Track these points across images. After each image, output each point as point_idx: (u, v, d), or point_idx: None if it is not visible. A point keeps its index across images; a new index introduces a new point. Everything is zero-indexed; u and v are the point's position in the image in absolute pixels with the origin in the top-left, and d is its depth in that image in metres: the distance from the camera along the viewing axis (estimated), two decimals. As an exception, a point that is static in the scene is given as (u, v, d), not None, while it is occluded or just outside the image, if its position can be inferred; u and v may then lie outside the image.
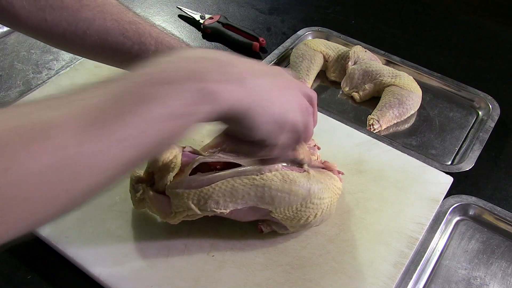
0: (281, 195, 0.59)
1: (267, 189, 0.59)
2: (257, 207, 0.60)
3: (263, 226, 0.64)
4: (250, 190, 0.59)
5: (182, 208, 0.59)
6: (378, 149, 0.79)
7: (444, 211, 0.72)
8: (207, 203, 0.58)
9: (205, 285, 0.60)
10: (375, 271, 0.63)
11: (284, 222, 0.62)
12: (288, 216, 0.61)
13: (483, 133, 0.84)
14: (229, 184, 0.58)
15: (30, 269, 0.64)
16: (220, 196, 0.58)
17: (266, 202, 0.60)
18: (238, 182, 0.58)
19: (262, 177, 0.59)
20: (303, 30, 1.05)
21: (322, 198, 0.62)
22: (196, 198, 0.58)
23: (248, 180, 0.59)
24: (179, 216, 0.60)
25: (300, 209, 0.61)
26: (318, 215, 0.62)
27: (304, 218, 0.62)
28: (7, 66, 0.94)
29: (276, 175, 0.59)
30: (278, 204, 0.60)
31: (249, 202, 0.59)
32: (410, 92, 0.88)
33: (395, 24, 1.13)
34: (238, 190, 0.58)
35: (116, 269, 0.61)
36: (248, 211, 0.61)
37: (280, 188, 0.59)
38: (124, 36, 0.62)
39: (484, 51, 1.07)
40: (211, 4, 1.15)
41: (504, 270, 0.67)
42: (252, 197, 0.59)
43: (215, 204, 0.58)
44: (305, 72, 0.93)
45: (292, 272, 0.62)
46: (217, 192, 0.58)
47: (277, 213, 0.60)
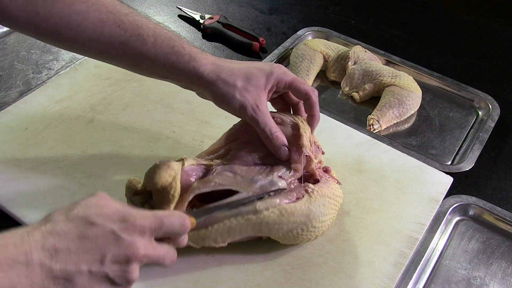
0: (278, 226, 0.60)
1: (264, 225, 0.59)
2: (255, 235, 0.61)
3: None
4: (247, 227, 0.59)
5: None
6: (378, 149, 0.79)
7: (444, 211, 0.72)
8: (205, 241, 0.59)
9: (205, 285, 0.60)
10: (375, 271, 0.63)
11: (283, 242, 0.63)
12: (288, 239, 0.62)
13: (483, 133, 0.84)
14: (226, 226, 0.58)
15: (30, 269, 0.64)
16: (218, 235, 0.59)
17: (264, 233, 0.60)
18: (234, 223, 0.58)
19: (258, 216, 0.58)
20: (303, 30, 1.05)
21: (323, 221, 0.62)
22: (194, 239, 0.59)
23: (245, 220, 0.58)
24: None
25: (301, 233, 0.61)
26: (319, 235, 0.63)
27: (305, 240, 0.62)
28: (7, 66, 0.94)
29: (274, 212, 0.59)
30: (276, 232, 0.60)
31: (245, 235, 0.60)
32: (410, 92, 0.88)
33: (395, 24, 1.13)
34: (235, 229, 0.59)
35: (116, 269, 0.61)
36: (246, 239, 0.62)
37: (278, 221, 0.59)
38: (120, 28, 0.60)
39: (484, 51, 1.07)
40: (211, 4, 1.15)
41: (504, 270, 0.67)
42: (249, 232, 0.60)
43: (213, 242, 0.59)
44: (305, 72, 0.93)
45: (292, 272, 0.62)
46: (214, 233, 0.58)
47: (276, 237, 0.61)
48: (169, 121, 0.81)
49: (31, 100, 0.84)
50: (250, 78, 0.61)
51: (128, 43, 0.60)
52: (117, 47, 0.61)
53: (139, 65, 0.63)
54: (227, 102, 0.61)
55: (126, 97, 0.85)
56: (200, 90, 0.63)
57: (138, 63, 0.62)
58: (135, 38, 0.60)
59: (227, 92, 0.60)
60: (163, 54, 0.60)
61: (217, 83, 0.60)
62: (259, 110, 0.60)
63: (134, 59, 0.62)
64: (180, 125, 0.80)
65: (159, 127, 0.80)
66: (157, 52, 0.60)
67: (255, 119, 0.60)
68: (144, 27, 0.61)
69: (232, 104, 0.60)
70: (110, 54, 0.62)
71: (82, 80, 0.88)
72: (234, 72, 0.61)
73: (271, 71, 0.62)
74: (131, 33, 0.60)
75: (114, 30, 0.60)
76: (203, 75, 0.60)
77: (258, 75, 0.61)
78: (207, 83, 0.60)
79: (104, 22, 0.60)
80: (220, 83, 0.60)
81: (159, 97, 0.86)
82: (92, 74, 0.89)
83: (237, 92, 0.60)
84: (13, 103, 0.83)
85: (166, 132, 0.80)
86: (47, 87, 0.87)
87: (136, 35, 0.60)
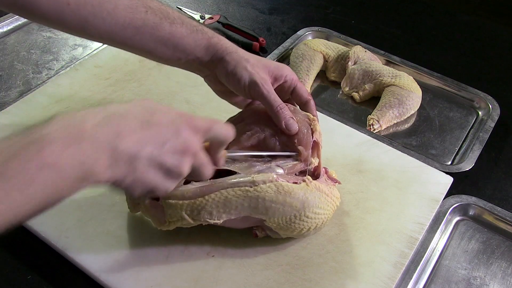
0: (275, 206, 0.59)
1: (261, 200, 0.58)
2: (250, 216, 0.60)
3: (257, 231, 0.64)
4: (244, 201, 0.58)
5: (176, 218, 0.59)
6: (378, 149, 0.79)
7: (444, 211, 0.72)
8: (200, 214, 0.58)
9: (205, 285, 0.60)
10: (375, 271, 0.63)
11: (277, 231, 0.62)
12: (282, 226, 0.61)
13: (483, 133, 0.84)
14: (222, 196, 0.58)
15: (30, 269, 0.64)
16: (214, 207, 0.58)
17: (260, 213, 0.59)
18: (231, 194, 0.58)
19: (256, 189, 0.58)
20: (303, 30, 1.05)
21: (317, 213, 0.61)
22: (190, 209, 0.58)
23: (242, 191, 0.58)
24: (173, 226, 0.60)
25: (294, 221, 0.60)
26: (311, 229, 0.62)
27: (297, 230, 0.61)
28: (7, 66, 0.94)
29: (271, 187, 0.58)
30: (272, 214, 0.59)
31: (242, 213, 0.59)
32: (410, 92, 0.88)
33: (395, 24, 1.13)
34: (232, 201, 0.58)
35: (116, 269, 0.61)
36: (241, 220, 0.61)
37: (275, 199, 0.59)
38: (148, 12, 0.63)
39: (484, 51, 1.07)
40: (211, 4, 1.15)
41: (504, 270, 0.67)
42: (246, 208, 0.59)
43: (208, 215, 0.58)
44: (305, 72, 0.93)
45: (292, 272, 0.62)
46: (210, 203, 0.58)
47: (271, 222, 0.60)
48: (169, 121, 0.81)
49: (31, 100, 0.84)
50: (260, 59, 0.65)
51: (158, 25, 0.63)
52: (147, 31, 0.63)
53: (165, 47, 0.65)
54: (239, 73, 0.63)
55: (126, 97, 0.85)
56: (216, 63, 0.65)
57: (164, 45, 0.64)
58: (164, 21, 0.63)
59: (240, 63, 0.64)
60: (189, 32, 0.64)
61: (233, 54, 0.64)
62: (267, 83, 0.64)
63: (161, 41, 0.64)
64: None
65: (159, 127, 0.80)
66: (183, 31, 0.64)
67: (264, 92, 0.63)
68: (169, 11, 0.65)
69: (243, 76, 0.63)
70: (135, 39, 0.64)
71: (82, 80, 0.88)
72: (248, 53, 0.66)
73: (281, 64, 0.67)
74: (161, 16, 0.63)
75: (144, 15, 0.63)
76: (223, 47, 0.65)
77: (268, 61, 0.66)
78: (226, 53, 0.64)
79: (135, 8, 0.62)
80: (235, 55, 0.64)
81: (159, 97, 0.86)
82: (92, 74, 0.89)
83: (249, 65, 0.64)
84: (13, 103, 0.83)
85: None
86: (47, 87, 0.87)
87: (165, 17, 0.64)
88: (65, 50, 0.99)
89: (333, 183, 0.66)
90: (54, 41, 1.01)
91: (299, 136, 0.63)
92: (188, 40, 0.64)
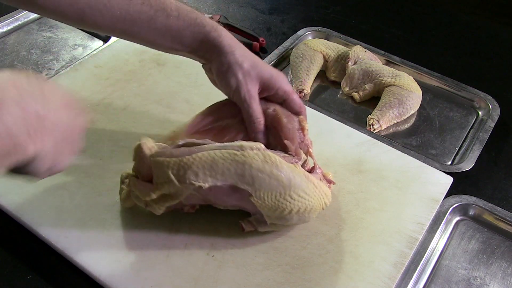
0: (261, 176, 0.59)
1: (248, 167, 0.58)
2: (237, 186, 0.59)
3: (244, 224, 0.64)
4: (230, 166, 0.58)
5: (163, 179, 0.59)
6: (378, 149, 0.79)
7: (444, 211, 0.72)
8: (186, 174, 0.58)
9: (205, 285, 0.60)
10: (375, 271, 0.63)
11: (261, 209, 0.61)
12: (266, 204, 0.60)
13: (483, 133, 0.84)
14: (210, 156, 0.58)
15: (30, 269, 0.64)
16: (200, 168, 0.58)
17: (246, 182, 0.59)
18: (218, 155, 0.58)
19: (243, 153, 0.58)
20: (303, 30, 1.05)
21: (302, 196, 0.61)
22: (176, 167, 0.58)
23: (229, 154, 0.58)
24: (159, 191, 0.60)
25: (279, 199, 0.60)
26: (293, 211, 0.61)
27: (280, 209, 0.60)
28: (7, 66, 0.94)
29: (258, 154, 0.59)
30: (258, 186, 0.59)
31: (228, 179, 0.59)
32: (410, 92, 0.88)
33: (395, 24, 1.13)
34: (218, 164, 0.58)
35: (116, 269, 0.61)
36: (227, 192, 0.60)
37: (261, 168, 0.59)
38: (145, 4, 0.62)
39: (484, 51, 1.07)
40: (211, 4, 1.15)
41: (504, 270, 0.67)
42: (232, 174, 0.58)
43: (194, 176, 0.58)
44: (305, 72, 0.93)
45: (292, 272, 0.62)
46: (197, 163, 0.58)
47: (257, 197, 0.59)
48: (169, 121, 0.81)
49: (31, 100, 0.84)
50: (256, 66, 0.64)
51: (153, 18, 0.63)
52: (143, 23, 0.63)
53: (162, 39, 0.65)
54: (228, 77, 0.64)
55: (126, 97, 0.85)
56: (211, 59, 0.65)
57: (162, 37, 0.65)
58: (160, 14, 0.63)
59: (232, 68, 0.64)
60: (186, 25, 0.64)
61: (228, 56, 0.64)
62: (251, 95, 0.64)
63: (158, 33, 0.64)
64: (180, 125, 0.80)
65: (159, 127, 0.80)
66: (180, 25, 0.64)
67: (246, 102, 0.64)
68: (167, 2, 0.64)
69: (230, 82, 0.64)
70: (134, 30, 0.64)
71: (82, 80, 0.88)
72: (245, 55, 0.65)
73: (276, 74, 0.66)
74: (156, 8, 0.63)
75: (140, 8, 0.62)
76: (220, 45, 0.64)
77: (265, 69, 0.65)
78: (221, 53, 0.64)
79: (130, 1, 0.62)
80: (230, 57, 0.64)
81: (159, 97, 0.86)
82: (92, 74, 0.89)
83: (240, 73, 0.64)
84: (13, 103, 0.83)
85: (166, 132, 0.79)
86: (47, 87, 0.86)
87: (161, 10, 0.63)
88: (65, 50, 0.99)
89: (328, 184, 0.66)
90: (54, 41, 1.01)
91: (285, 131, 0.64)
92: (185, 33, 0.64)
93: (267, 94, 0.67)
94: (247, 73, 0.64)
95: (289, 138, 0.64)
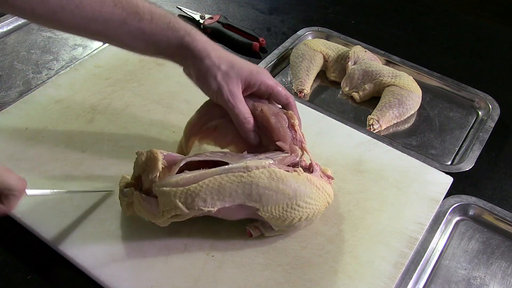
0: (268, 192, 0.59)
1: (255, 187, 0.58)
2: (244, 204, 0.59)
3: (251, 230, 0.64)
4: (238, 188, 0.58)
5: (170, 207, 0.58)
6: (378, 149, 0.79)
7: (444, 211, 0.72)
8: (194, 201, 0.58)
9: (205, 285, 0.60)
10: (375, 271, 0.63)
11: (269, 221, 0.62)
12: (274, 215, 0.60)
13: (483, 133, 0.84)
14: (216, 182, 0.58)
15: (30, 269, 0.64)
16: (208, 194, 0.58)
17: (254, 200, 0.59)
18: (225, 180, 0.58)
19: (249, 174, 0.58)
20: (303, 30, 1.05)
21: (308, 203, 0.61)
22: (184, 196, 0.58)
23: (235, 177, 0.58)
24: (167, 215, 0.59)
25: (286, 209, 0.60)
26: (303, 219, 0.62)
27: (289, 219, 0.61)
28: (7, 66, 0.94)
29: (264, 173, 0.59)
30: (266, 202, 0.59)
31: (236, 200, 0.59)
32: (410, 92, 0.88)
33: (395, 24, 1.13)
34: (226, 188, 0.58)
35: (116, 269, 0.61)
36: (236, 209, 0.60)
37: (268, 185, 0.59)
38: (117, 7, 0.62)
39: (484, 51, 1.07)
40: (211, 4, 1.15)
41: (504, 270, 0.67)
42: (240, 195, 0.59)
43: (202, 202, 0.58)
44: (305, 72, 0.93)
45: (292, 272, 0.62)
46: (204, 190, 0.57)
47: (264, 211, 0.60)
48: (169, 121, 0.81)
49: (31, 100, 0.84)
50: (234, 65, 0.64)
51: (126, 21, 0.62)
52: (115, 25, 0.62)
53: (136, 42, 0.64)
54: (207, 81, 0.63)
55: (126, 97, 0.85)
56: (188, 64, 0.65)
57: (135, 40, 0.64)
58: (132, 17, 0.62)
59: (210, 71, 0.63)
60: (159, 29, 0.63)
61: (205, 60, 0.63)
62: (234, 95, 0.63)
63: (131, 36, 0.64)
64: (180, 125, 0.80)
65: (159, 127, 0.80)
66: (153, 28, 0.63)
67: (230, 104, 0.64)
68: (140, 6, 0.63)
69: (211, 85, 0.63)
70: (107, 32, 0.64)
71: (82, 80, 0.88)
72: (221, 56, 0.64)
73: (256, 70, 0.65)
74: (129, 11, 0.62)
75: (112, 9, 0.62)
76: (194, 50, 0.63)
77: (243, 67, 0.64)
78: (196, 58, 0.63)
79: (102, 2, 0.61)
80: (207, 61, 0.63)
81: (159, 97, 0.86)
82: (92, 74, 0.89)
83: (219, 74, 0.63)
84: (13, 103, 0.83)
85: (166, 132, 0.80)
86: (47, 87, 0.87)
87: (133, 13, 0.62)
88: (65, 50, 0.99)
89: (328, 180, 0.66)
90: (54, 41, 1.01)
91: (276, 132, 0.64)
92: (159, 37, 0.63)
93: (250, 91, 0.66)
94: (226, 74, 0.63)
95: (281, 138, 0.64)
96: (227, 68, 0.63)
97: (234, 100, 0.64)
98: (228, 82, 0.63)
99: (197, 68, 0.64)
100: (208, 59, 0.63)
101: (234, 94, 0.63)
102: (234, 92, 0.63)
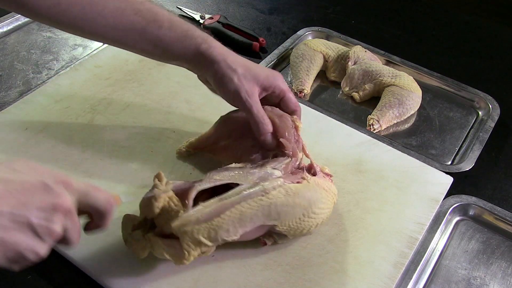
0: (286, 209, 0.60)
1: (273, 207, 0.59)
2: (264, 224, 0.60)
3: (266, 239, 0.64)
4: (258, 211, 0.58)
5: (194, 245, 0.56)
6: (378, 149, 0.79)
7: (444, 211, 0.72)
8: (217, 234, 0.57)
9: (205, 285, 0.60)
10: (375, 271, 0.63)
11: (287, 234, 0.62)
12: (292, 227, 0.61)
13: (483, 133, 0.84)
14: (237, 211, 0.57)
15: (30, 269, 0.64)
16: (230, 224, 0.57)
17: (273, 218, 0.60)
18: (245, 207, 0.58)
19: (267, 196, 0.59)
20: (303, 30, 1.05)
21: (322, 208, 0.62)
22: (207, 231, 0.56)
23: (255, 202, 0.58)
24: (194, 254, 0.57)
25: (303, 220, 0.61)
26: (319, 224, 0.63)
27: (306, 229, 0.62)
28: (7, 66, 0.94)
29: (280, 191, 0.59)
30: (284, 217, 0.60)
31: (257, 222, 0.59)
32: (410, 92, 0.88)
33: (395, 24, 1.13)
34: (247, 214, 0.58)
35: (116, 269, 0.61)
36: (255, 230, 0.60)
37: (285, 202, 0.59)
38: (137, 15, 0.63)
39: (484, 51, 1.07)
40: (211, 4, 1.15)
41: (504, 270, 0.67)
42: (260, 217, 0.59)
43: (225, 233, 0.57)
44: (305, 72, 0.93)
45: (292, 272, 0.62)
46: (227, 221, 0.57)
47: (282, 226, 0.61)
48: (169, 121, 0.81)
49: (31, 100, 0.84)
50: (250, 69, 0.65)
51: (146, 29, 0.64)
52: (135, 33, 0.64)
53: (155, 49, 0.66)
54: (225, 83, 0.64)
55: (126, 97, 0.85)
56: (204, 70, 0.66)
57: (154, 47, 0.66)
58: (152, 24, 0.64)
59: (227, 74, 0.64)
60: (178, 37, 0.65)
61: (221, 64, 0.64)
62: (252, 96, 0.64)
63: (151, 43, 0.65)
64: (180, 125, 0.80)
65: (159, 127, 0.80)
66: (172, 36, 0.65)
67: (248, 104, 0.64)
68: (159, 14, 0.65)
69: (228, 87, 0.64)
70: (127, 40, 0.66)
71: (82, 80, 0.88)
72: (237, 60, 0.65)
73: (272, 74, 0.67)
74: (149, 19, 0.64)
75: (132, 18, 0.64)
76: (211, 56, 0.64)
77: (259, 71, 0.66)
78: (213, 62, 0.64)
79: (123, 10, 0.63)
80: (223, 64, 0.64)
81: (159, 97, 0.86)
82: (92, 74, 0.89)
83: (236, 77, 0.64)
84: (13, 103, 0.83)
85: (166, 132, 0.80)
86: (47, 87, 0.87)
87: (153, 21, 0.64)
88: (65, 50, 0.99)
89: (329, 178, 0.67)
90: (54, 41, 1.01)
91: (280, 131, 0.65)
92: (176, 45, 0.65)
93: (265, 94, 0.67)
94: (243, 76, 0.64)
95: (284, 136, 0.65)
96: (243, 71, 0.64)
97: (252, 100, 0.64)
98: (244, 83, 0.64)
99: (214, 72, 0.64)
100: (224, 63, 0.64)
101: (252, 95, 0.64)
102: (251, 93, 0.64)
